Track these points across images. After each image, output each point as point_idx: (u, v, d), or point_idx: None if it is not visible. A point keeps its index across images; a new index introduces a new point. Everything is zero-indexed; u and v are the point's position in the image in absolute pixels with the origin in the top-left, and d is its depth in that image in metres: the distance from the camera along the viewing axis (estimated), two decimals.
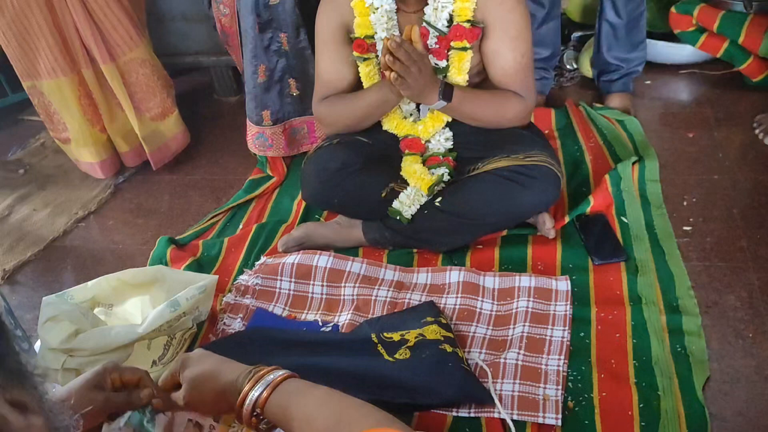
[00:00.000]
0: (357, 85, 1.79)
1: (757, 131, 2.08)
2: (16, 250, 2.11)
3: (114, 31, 2.16)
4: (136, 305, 1.59)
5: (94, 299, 1.56)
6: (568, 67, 2.59)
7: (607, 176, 1.90)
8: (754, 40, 2.22)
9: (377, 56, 1.72)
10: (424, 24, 1.66)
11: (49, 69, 2.17)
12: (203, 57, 2.72)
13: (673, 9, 2.36)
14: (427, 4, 1.65)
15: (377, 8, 1.66)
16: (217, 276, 1.63)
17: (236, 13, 2.12)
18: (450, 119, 1.75)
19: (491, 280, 1.64)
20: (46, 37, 2.11)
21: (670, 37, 2.44)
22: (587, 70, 2.50)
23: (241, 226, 2.03)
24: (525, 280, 1.62)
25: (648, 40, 2.34)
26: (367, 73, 1.75)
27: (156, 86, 2.29)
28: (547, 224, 1.75)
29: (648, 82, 2.47)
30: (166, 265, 1.83)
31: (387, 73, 1.56)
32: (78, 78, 2.22)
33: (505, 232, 1.80)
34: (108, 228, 2.19)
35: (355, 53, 1.73)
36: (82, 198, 2.34)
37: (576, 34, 2.68)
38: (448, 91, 1.63)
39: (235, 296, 1.71)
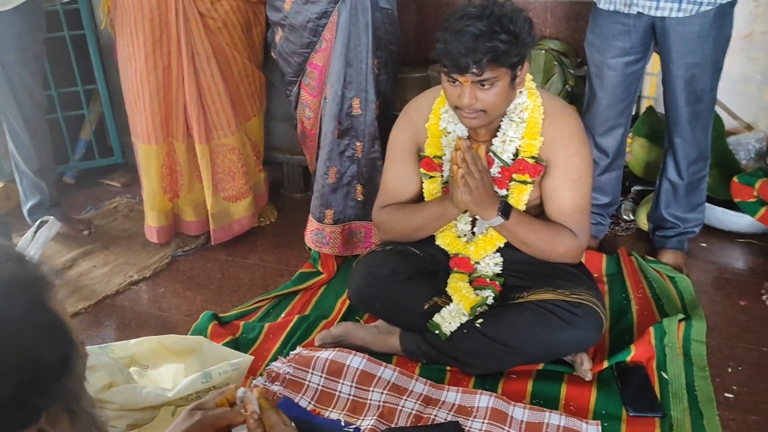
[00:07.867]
0: (418, 200, 1.88)
1: (764, 297, 2.11)
2: (69, 301, 2.20)
3: (216, 117, 2.38)
4: (169, 371, 1.63)
5: (133, 358, 1.61)
6: (624, 217, 2.63)
7: (651, 329, 1.88)
8: None
9: (442, 175, 1.82)
10: (490, 153, 1.75)
11: (144, 135, 2.38)
12: (279, 153, 2.90)
13: (735, 178, 2.40)
14: (496, 135, 1.75)
15: (449, 132, 1.78)
16: (253, 357, 1.66)
17: (319, 118, 2.29)
18: (502, 245, 1.79)
19: (521, 412, 1.62)
20: (153, 107, 2.33)
21: (730, 204, 2.47)
22: (643, 223, 2.53)
23: (283, 315, 2.07)
24: (555, 418, 1.59)
25: (707, 205, 2.38)
26: (431, 190, 1.83)
27: (237, 172, 2.46)
28: (585, 365, 1.73)
29: (704, 244, 2.48)
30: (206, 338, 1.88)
31: (454, 167, 1.62)
32: (167, 149, 2.42)
33: (540, 366, 1.78)
34: (158, 295, 2.27)
35: (422, 170, 1.83)
36: (141, 263, 2.45)
37: (636, 188, 2.74)
38: (507, 208, 1.69)
39: (265, 381, 1.73)
